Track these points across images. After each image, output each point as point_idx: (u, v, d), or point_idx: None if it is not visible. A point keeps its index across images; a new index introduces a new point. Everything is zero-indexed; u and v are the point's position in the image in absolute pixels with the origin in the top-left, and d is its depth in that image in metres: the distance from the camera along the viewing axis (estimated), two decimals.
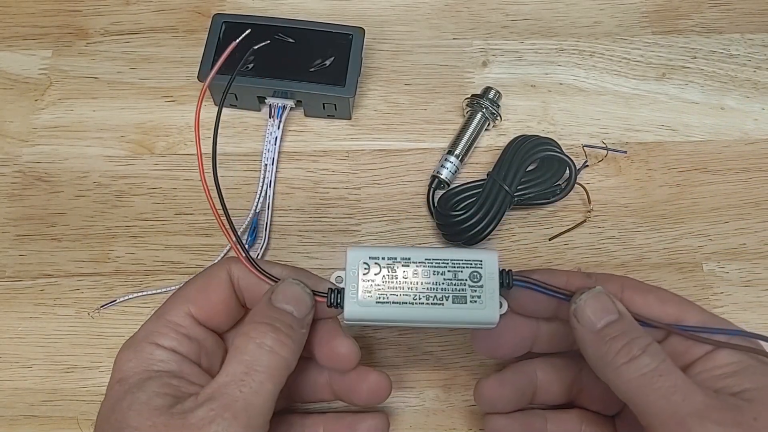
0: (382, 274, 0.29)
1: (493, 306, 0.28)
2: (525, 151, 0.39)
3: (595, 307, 0.27)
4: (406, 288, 0.28)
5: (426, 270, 0.28)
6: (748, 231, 0.40)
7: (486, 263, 0.28)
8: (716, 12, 0.46)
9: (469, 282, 0.28)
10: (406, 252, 0.29)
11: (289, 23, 0.41)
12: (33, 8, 0.46)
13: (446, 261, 0.29)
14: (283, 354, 0.27)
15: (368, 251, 0.29)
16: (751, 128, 0.42)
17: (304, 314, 0.28)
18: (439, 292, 0.28)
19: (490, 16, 0.46)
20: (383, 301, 0.28)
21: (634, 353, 0.26)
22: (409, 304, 0.28)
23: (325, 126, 0.42)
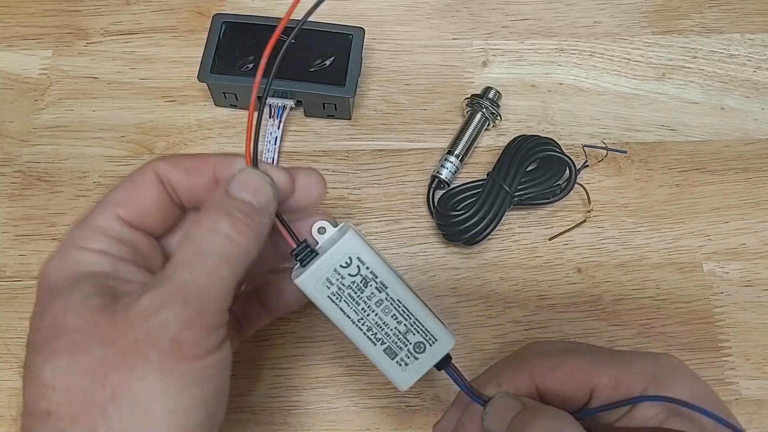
0: (354, 279, 0.27)
1: (412, 377, 0.28)
2: (525, 151, 0.39)
3: (500, 411, 0.27)
4: (361, 306, 0.27)
5: (389, 308, 0.28)
6: (748, 231, 0.40)
7: (438, 344, 0.28)
8: (716, 12, 0.46)
9: (411, 348, 0.28)
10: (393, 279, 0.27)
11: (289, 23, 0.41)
12: (33, 8, 0.46)
13: (410, 315, 0.28)
14: (240, 240, 0.24)
15: (366, 251, 0.27)
16: (751, 128, 0.42)
17: (264, 204, 0.25)
18: (381, 334, 0.28)
19: (490, 16, 0.46)
20: (334, 300, 0.27)
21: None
22: (351, 321, 0.28)
23: (325, 126, 0.42)
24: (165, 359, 0.22)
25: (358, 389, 0.36)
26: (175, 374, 0.23)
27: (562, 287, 0.38)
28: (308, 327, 0.37)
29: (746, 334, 0.37)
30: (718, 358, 0.37)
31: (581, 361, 0.28)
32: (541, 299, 0.38)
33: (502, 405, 0.27)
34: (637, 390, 0.26)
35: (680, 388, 0.26)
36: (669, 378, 0.26)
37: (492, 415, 0.27)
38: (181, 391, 0.23)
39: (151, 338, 0.22)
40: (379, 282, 0.27)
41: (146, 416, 0.22)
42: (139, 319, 0.23)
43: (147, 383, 0.22)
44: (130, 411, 0.22)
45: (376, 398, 0.36)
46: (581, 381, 0.27)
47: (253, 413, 0.36)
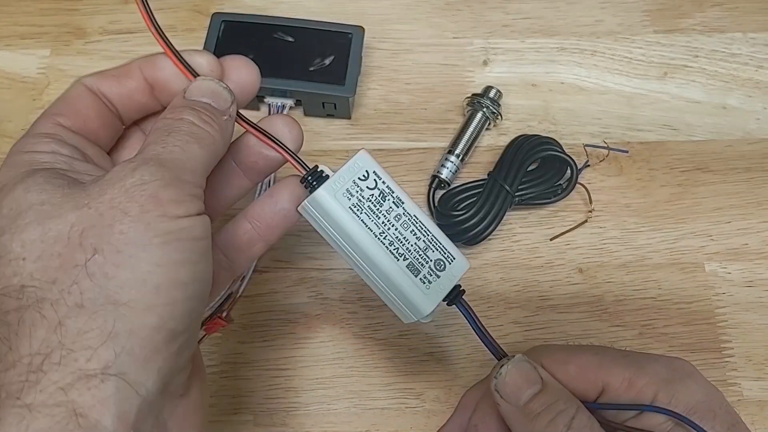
0: (372, 192, 0.27)
1: (433, 301, 0.27)
2: (526, 150, 0.38)
3: (517, 379, 0.26)
4: (382, 219, 0.27)
5: (407, 223, 0.27)
6: (751, 231, 0.40)
7: (456, 264, 0.27)
8: (718, 11, 0.46)
9: (431, 264, 0.27)
10: (404, 196, 0.27)
11: (289, 22, 0.41)
12: (31, 7, 0.45)
13: (428, 232, 0.27)
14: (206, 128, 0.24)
15: (376, 166, 0.27)
16: (753, 128, 0.42)
17: (224, 107, 0.25)
18: (404, 248, 0.27)
19: (490, 14, 0.45)
20: (355, 212, 0.26)
21: (559, 430, 0.25)
22: (373, 235, 0.26)
23: (325, 125, 0.42)
24: (146, 213, 0.21)
25: (358, 390, 0.36)
26: (159, 228, 0.21)
27: (564, 288, 0.38)
28: (307, 328, 0.37)
29: (748, 334, 0.37)
30: (720, 359, 0.37)
31: (594, 358, 0.27)
32: (543, 300, 0.38)
33: (521, 373, 0.27)
34: (649, 393, 0.26)
35: (692, 393, 0.26)
36: (681, 383, 0.26)
37: (508, 380, 0.27)
38: (166, 245, 0.21)
39: (129, 195, 0.21)
40: (395, 197, 0.27)
41: (133, 270, 0.21)
42: (113, 181, 0.22)
43: (130, 236, 0.21)
44: (115, 264, 0.21)
45: (376, 399, 0.36)
46: (593, 378, 0.27)
47: (253, 414, 0.36)
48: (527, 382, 0.26)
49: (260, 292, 0.38)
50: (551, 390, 0.26)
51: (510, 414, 0.27)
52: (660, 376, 0.26)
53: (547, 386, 0.26)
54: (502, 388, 0.27)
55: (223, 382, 0.36)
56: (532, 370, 0.27)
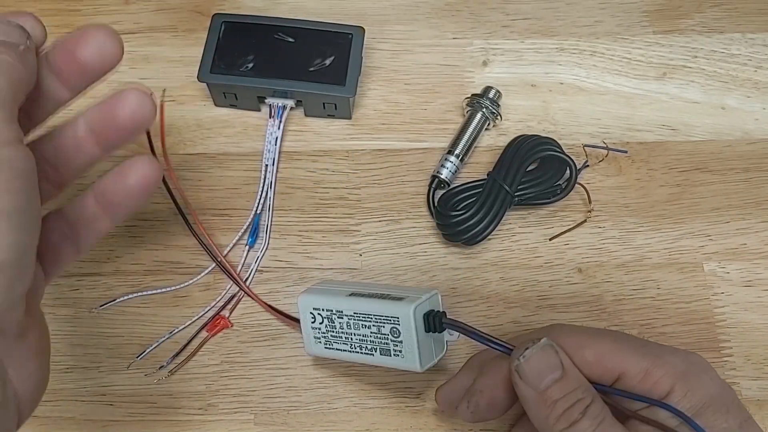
0: (325, 324, 0.32)
1: (414, 357, 0.30)
2: (525, 150, 0.38)
3: (540, 364, 0.27)
4: (343, 337, 0.32)
5: (356, 323, 0.31)
6: (749, 231, 0.40)
7: (402, 319, 0.29)
8: (717, 11, 0.46)
9: (390, 337, 0.30)
10: (340, 302, 0.31)
11: (289, 23, 0.41)
12: (32, 8, 0.45)
13: (370, 316, 0.30)
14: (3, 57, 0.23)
15: (312, 300, 0.32)
16: (752, 128, 0.42)
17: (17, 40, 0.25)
18: (369, 344, 0.31)
19: (490, 15, 0.45)
20: (329, 347, 0.32)
21: (575, 417, 0.25)
22: (349, 351, 0.32)
23: (325, 126, 0.42)
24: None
25: (358, 389, 0.36)
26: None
27: (563, 287, 0.38)
28: None
29: (747, 334, 0.37)
30: (719, 358, 0.37)
31: (612, 346, 0.28)
32: (542, 299, 0.38)
33: (544, 358, 0.27)
34: (666, 385, 0.26)
35: (707, 388, 0.26)
36: (697, 377, 0.27)
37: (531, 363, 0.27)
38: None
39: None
40: (336, 312, 0.32)
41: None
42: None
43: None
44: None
45: (376, 398, 0.36)
46: (610, 365, 0.27)
47: (253, 413, 0.36)
48: (549, 367, 0.27)
49: (260, 292, 0.38)
50: (571, 377, 0.27)
51: (527, 396, 0.27)
52: (677, 369, 0.27)
53: (567, 373, 0.27)
54: (522, 371, 0.27)
55: (224, 381, 0.36)
56: (555, 356, 0.27)
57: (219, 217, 0.40)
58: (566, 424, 0.26)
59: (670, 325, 0.37)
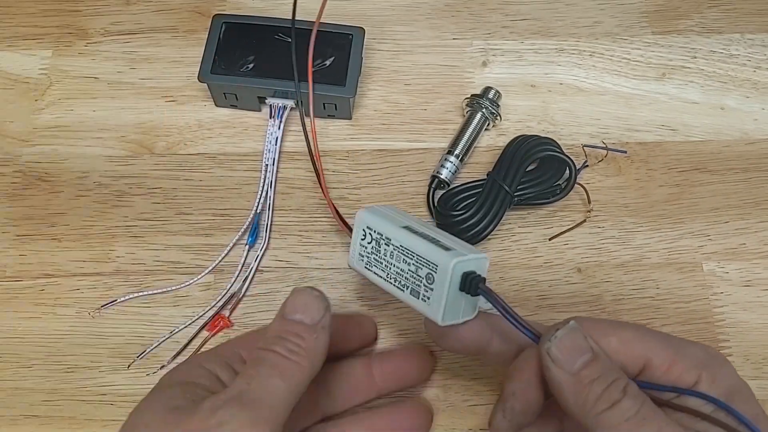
0: (372, 245, 0.32)
1: (438, 309, 0.29)
2: (525, 151, 0.39)
3: (572, 345, 0.26)
4: (384, 264, 0.31)
5: (399, 255, 0.30)
6: (748, 231, 0.40)
7: (440, 269, 0.29)
8: (716, 12, 0.46)
9: (424, 281, 0.29)
10: (392, 231, 0.31)
11: (289, 23, 0.41)
12: (33, 8, 0.46)
13: (413, 254, 0.30)
14: (294, 359, 0.27)
15: (368, 219, 0.32)
16: (751, 128, 0.42)
17: (316, 320, 0.28)
18: (403, 279, 0.30)
19: (490, 16, 0.46)
20: (369, 268, 0.32)
21: (616, 397, 0.25)
22: (384, 279, 0.31)
23: (326, 126, 0.42)
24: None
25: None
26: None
27: (562, 287, 0.38)
28: None
29: (746, 333, 0.37)
30: None
31: (635, 335, 0.27)
32: (541, 299, 0.38)
33: (574, 339, 0.26)
34: (691, 376, 0.26)
35: (729, 378, 0.27)
36: (719, 369, 0.27)
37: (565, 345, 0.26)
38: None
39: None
40: (385, 238, 0.31)
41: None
42: (200, 417, 0.25)
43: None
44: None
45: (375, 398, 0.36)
46: (636, 353, 0.27)
47: None
48: (579, 349, 0.26)
49: (260, 292, 0.38)
50: (602, 359, 0.26)
51: (561, 380, 0.26)
52: (700, 359, 0.27)
53: (598, 355, 0.26)
54: (555, 353, 0.26)
55: None
56: (584, 339, 0.26)
57: (219, 217, 0.40)
58: (607, 404, 0.25)
59: (670, 324, 0.37)
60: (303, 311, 0.28)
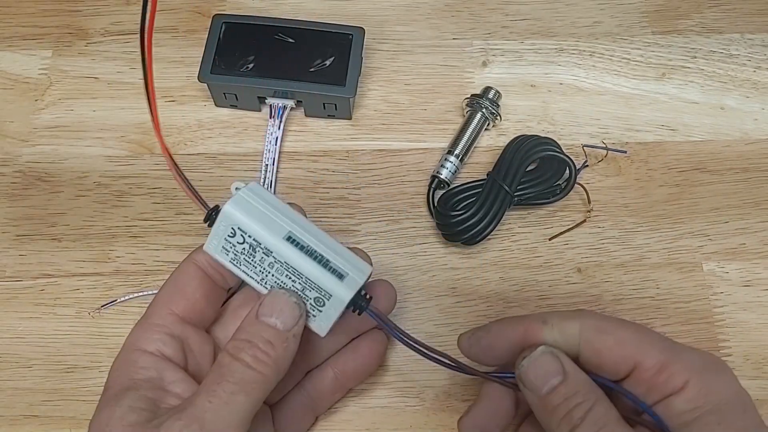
0: (244, 247, 0.28)
1: (325, 326, 0.29)
2: (525, 151, 0.39)
3: (539, 371, 0.27)
4: (258, 270, 0.29)
5: (280, 269, 0.28)
6: (748, 231, 0.40)
7: (334, 299, 0.28)
8: (716, 12, 0.46)
9: (312, 302, 0.29)
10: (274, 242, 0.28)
11: (289, 23, 0.41)
12: (33, 8, 0.46)
13: (302, 276, 0.28)
14: (260, 369, 0.26)
15: (239, 218, 0.28)
16: (751, 128, 0.42)
17: (290, 326, 0.28)
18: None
19: (490, 16, 0.46)
20: (234, 264, 0.29)
21: (575, 422, 0.26)
22: (256, 282, 0.29)
23: (326, 126, 0.42)
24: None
25: (359, 389, 0.36)
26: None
27: (562, 287, 0.38)
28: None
29: (746, 333, 0.37)
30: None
31: (633, 336, 0.28)
32: (541, 299, 0.38)
33: (545, 363, 0.27)
34: (680, 380, 0.26)
35: (724, 387, 0.26)
36: (716, 375, 0.27)
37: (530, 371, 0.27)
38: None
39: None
40: (263, 248, 0.28)
41: None
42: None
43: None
44: None
45: (376, 398, 0.36)
46: (628, 354, 0.27)
47: None
48: (548, 374, 0.27)
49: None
50: (572, 381, 0.27)
51: (533, 403, 0.28)
52: (694, 365, 0.27)
53: (568, 377, 0.27)
54: (524, 377, 0.28)
55: None
56: (554, 362, 0.27)
57: None
58: (568, 427, 0.26)
59: (670, 324, 0.37)
60: (278, 315, 0.28)
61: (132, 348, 0.28)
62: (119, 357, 0.29)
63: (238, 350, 0.27)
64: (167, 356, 0.28)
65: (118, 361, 0.28)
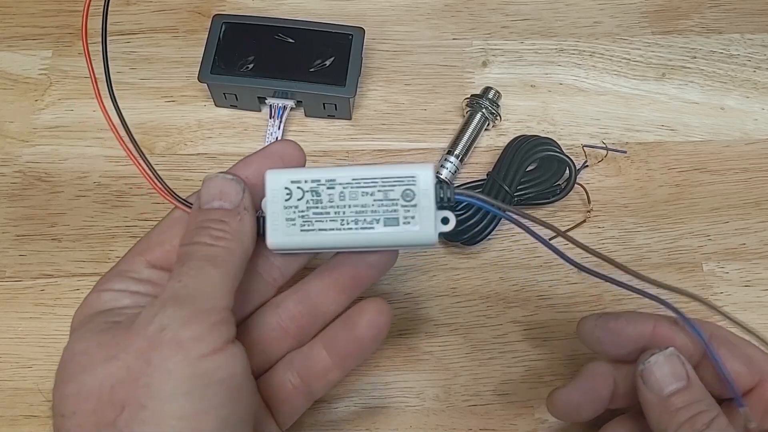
0: (306, 199, 0.26)
1: (429, 225, 0.26)
2: (525, 151, 0.39)
3: (665, 371, 0.27)
4: (332, 213, 0.26)
5: (353, 191, 0.26)
6: (748, 231, 0.40)
7: (420, 179, 0.26)
8: (716, 12, 0.46)
9: (401, 201, 0.26)
10: (331, 172, 0.26)
11: (289, 23, 0.41)
12: (33, 8, 0.46)
13: (375, 180, 0.26)
14: (222, 244, 0.25)
15: (289, 174, 0.26)
16: (751, 128, 0.42)
17: (236, 202, 0.26)
18: (369, 215, 0.26)
19: (490, 16, 0.46)
20: (308, 229, 0.26)
21: (698, 428, 0.25)
22: (337, 230, 0.26)
23: (326, 126, 0.42)
24: (167, 361, 0.22)
25: (358, 389, 0.36)
26: (180, 375, 0.22)
27: (562, 287, 0.38)
28: None
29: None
30: None
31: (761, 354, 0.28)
32: (541, 299, 0.38)
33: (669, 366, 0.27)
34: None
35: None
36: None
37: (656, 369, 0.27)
38: (188, 393, 0.22)
39: (151, 344, 0.22)
40: (324, 181, 0.26)
41: (158, 424, 0.22)
42: (138, 328, 0.23)
43: (153, 389, 0.22)
44: (141, 420, 0.22)
45: (375, 398, 0.36)
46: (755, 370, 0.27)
47: None
48: (673, 375, 0.27)
49: None
50: (696, 389, 0.27)
51: (649, 401, 0.27)
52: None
53: (692, 384, 0.27)
54: (647, 376, 0.27)
55: None
56: (681, 366, 0.27)
57: None
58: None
59: None
60: (220, 197, 0.26)
61: (95, 290, 0.26)
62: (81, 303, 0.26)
63: (192, 238, 0.25)
64: (136, 291, 0.26)
65: (80, 306, 0.26)
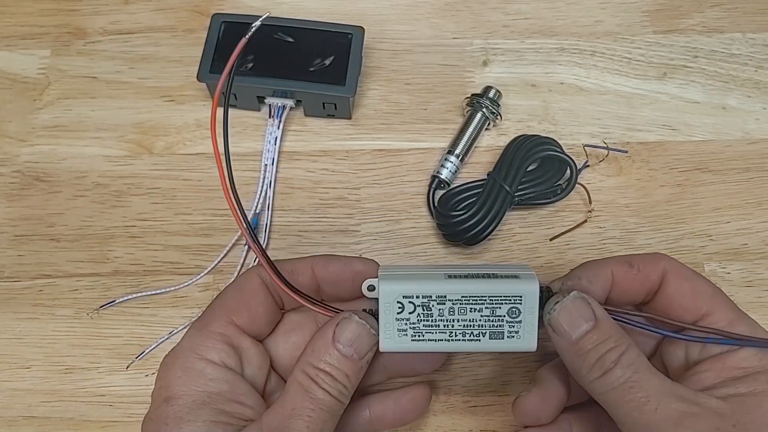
0: (417, 313, 0.28)
1: (531, 338, 0.28)
2: (525, 150, 0.38)
3: (571, 316, 0.27)
4: (441, 326, 0.28)
5: (462, 307, 0.28)
6: (750, 231, 0.40)
7: (526, 298, 0.28)
8: (718, 11, 0.46)
9: (507, 318, 0.28)
10: (441, 286, 0.28)
11: (289, 23, 0.41)
12: (31, 8, 0.45)
13: (483, 298, 0.28)
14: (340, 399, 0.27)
15: (401, 287, 0.28)
16: (753, 128, 0.42)
17: (364, 354, 0.28)
18: (476, 329, 0.28)
19: (490, 15, 0.45)
20: (418, 339, 0.28)
21: (607, 366, 0.26)
22: (445, 341, 0.28)
23: (325, 125, 0.42)
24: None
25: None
26: None
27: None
28: None
29: None
30: None
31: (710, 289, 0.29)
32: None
33: (577, 308, 0.27)
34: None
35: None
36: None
37: (561, 316, 0.27)
38: None
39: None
40: (435, 297, 0.28)
41: None
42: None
43: None
44: None
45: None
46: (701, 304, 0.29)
47: None
48: (580, 318, 0.27)
49: None
50: (603, 327, 0.27)
51: (562, 349, 0.27)
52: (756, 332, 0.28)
53: (600, 323, 0.27)
54: (555, 324, 0.27)
55: None
56: (586, 307, 0.27)
57: (219, 217, 0.39)
58: (599, 373, 0.26)
59: None
60: (356, 346, 0.27)
61: (193, 355, 0.27)
62: (179, 362, 0.28)
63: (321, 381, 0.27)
64: (231, 368, 0.28)
65: (178, 367, 0.27)
